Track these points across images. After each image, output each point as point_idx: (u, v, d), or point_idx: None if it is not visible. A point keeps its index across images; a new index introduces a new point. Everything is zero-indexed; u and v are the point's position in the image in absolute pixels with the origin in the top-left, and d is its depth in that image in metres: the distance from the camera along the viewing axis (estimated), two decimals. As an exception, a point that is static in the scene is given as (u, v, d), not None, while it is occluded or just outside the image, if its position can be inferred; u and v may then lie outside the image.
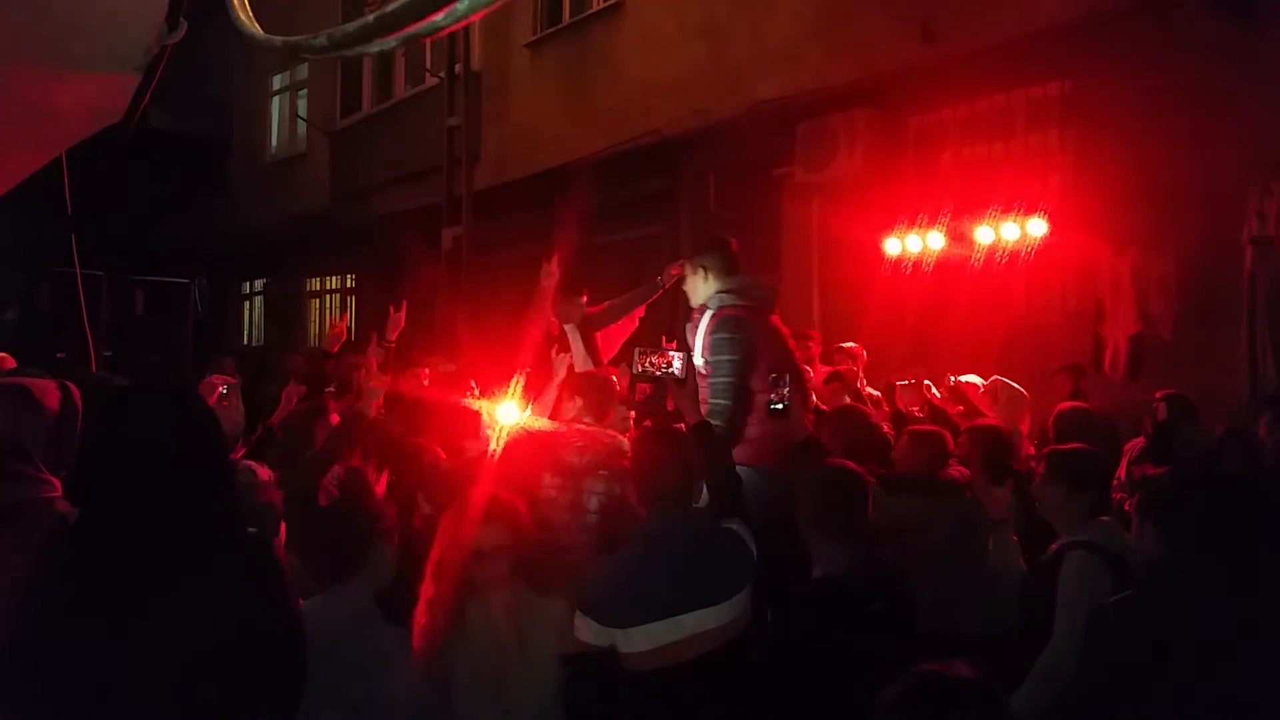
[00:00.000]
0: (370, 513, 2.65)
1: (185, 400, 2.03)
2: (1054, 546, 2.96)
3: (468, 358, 7.69)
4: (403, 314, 5.36)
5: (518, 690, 2.66)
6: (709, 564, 2.72)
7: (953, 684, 1.84)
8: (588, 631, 2.62)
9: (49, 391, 2.78)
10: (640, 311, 5.80)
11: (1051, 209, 7.00)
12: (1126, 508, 5.42)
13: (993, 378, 5.29)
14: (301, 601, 2.59)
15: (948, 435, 4.15)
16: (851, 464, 3.03)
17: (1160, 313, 6.72)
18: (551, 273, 5.38)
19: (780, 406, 3.71)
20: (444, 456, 4.00)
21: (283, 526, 3.14)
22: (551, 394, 4.18)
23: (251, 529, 2.06)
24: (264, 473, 3.42)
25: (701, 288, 4.31)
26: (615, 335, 5.72)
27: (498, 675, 2.66)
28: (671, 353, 3.28)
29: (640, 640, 2.58)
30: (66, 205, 4.22)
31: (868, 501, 2.85)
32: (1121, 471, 5.53)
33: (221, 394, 3.90)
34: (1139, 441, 5.40)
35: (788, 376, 3.82)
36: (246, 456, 3.77)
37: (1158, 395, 5.39)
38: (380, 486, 3.21)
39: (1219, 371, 6.18)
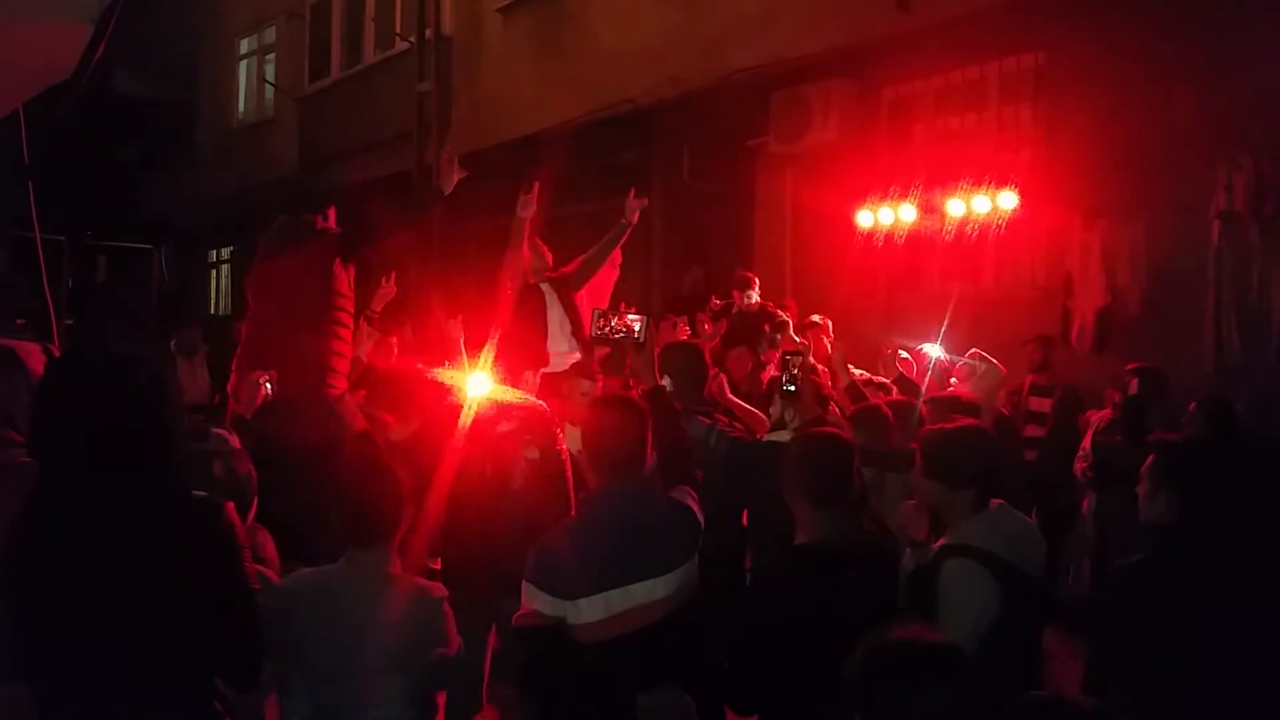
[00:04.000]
0: (391, 479, 2.61)
1: (121, 366, 1.99)
2: (935, 546, 2.78)
3: (437, 324, 7.64)
4: (392, 285, 5.28)
5: None
6: (658, 533, 2.70)
7: (924, 648, 1.86)
8: (539, 603, 2.59)
9: (33, 354, 2.75)
10: (618, 257, 5.74)
11: (1022, 181, 7.02)
12: (1091, 474, 5.51)
13: (971, 350, 5.32)
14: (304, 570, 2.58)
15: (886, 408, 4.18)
16: (839, 431, 3.01)
17: (1128, 286, 6.77)
18: (530, 203, 5.28)
19: (793, 389, 3.78)
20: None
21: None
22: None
23: (201, 492, 2.01)
24: (235, 441, 3.38)
25: None
26: (601, 286, 5.65)
27: None
28: (630, 316, 3.26)
29: (590, 611, 2.56)
30: (23, 165, 4.11)
31: (853, 470, 2.84)
32: (1087, 442, 5.60)
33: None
34: (1105, 413, 5.46)
35: (799, 359, 3.87)
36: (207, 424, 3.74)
37: (1130, 368, 5.44)
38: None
39: (1185, 344, 6.24)
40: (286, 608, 2.35)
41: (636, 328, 3.24)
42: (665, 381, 3.91)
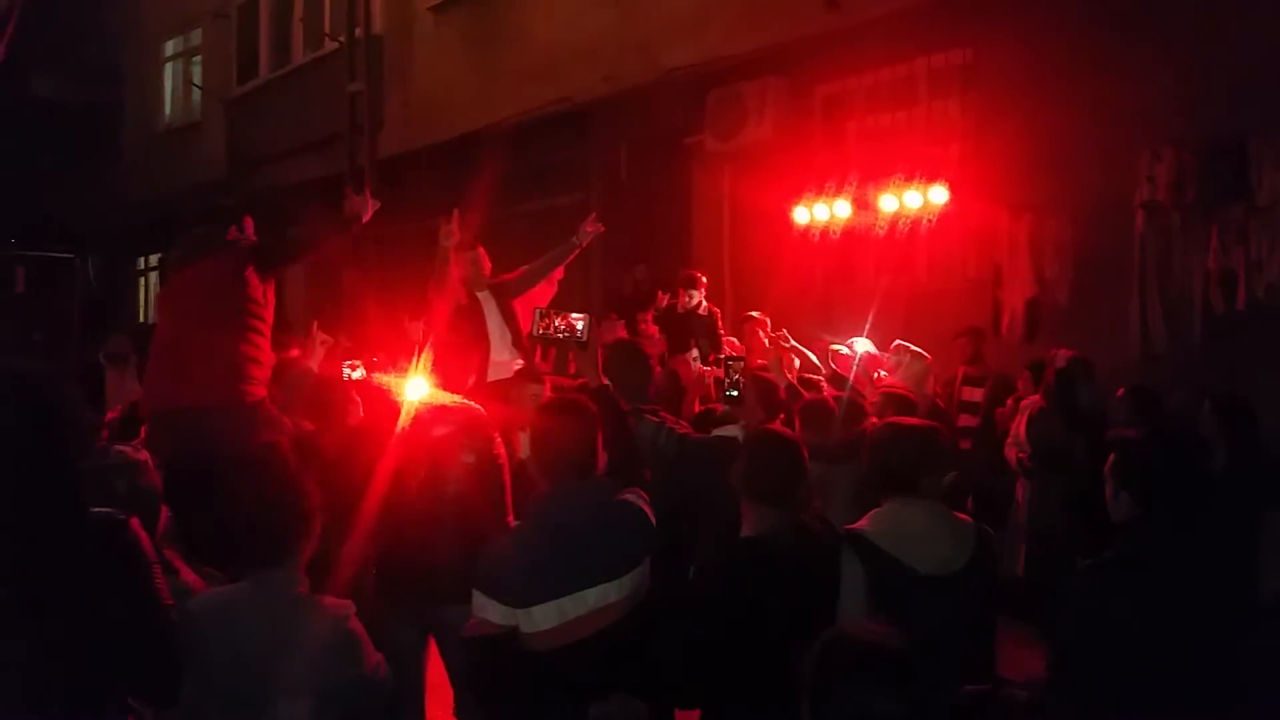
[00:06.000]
0: (300, 492, 2.52)
1: (12, 382, 1.93)
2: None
3: (374, 329, 7.55)
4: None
5: None
6: (610, 537, 2.67)
7: (879, 649, 1.88)
8: (490, 612, 2.54)
9: None
10: (559, 274, 5.68)
11: (952, 176, 7.14)
12: (1028, 463, 5.61)
13: (895, 342, 5.39)
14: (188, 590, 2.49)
15: (831, 401, 4.25)
16: (787, 431, 3.03)
17: (1055, 276, 6.92)
18: (452, 233, 5.19)
19: (735, 394, 3.79)
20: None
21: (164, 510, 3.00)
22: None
23: (105, 510, 1.95)
24: (141, 454, 3.29)
25: None
26: (535, 301, 5.59)
27: None
28: (574, 315, 3.23)
29: (544, 618, 2.52)
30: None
31: (801, 469, 2.87)
32: (1021, 428, 5.70)
33: None
34: (1035, 399, 5.56)
35: (740, 364, 3.90)
36: (114, 438, 3.65)
37: (1051, 354, 5.54)
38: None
39: (1112, 331, 6.39)
40: (190, 630, 2.28)
41: (579, 326, 3.20)
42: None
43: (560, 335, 3.22)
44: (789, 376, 4.72)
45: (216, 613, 2.34)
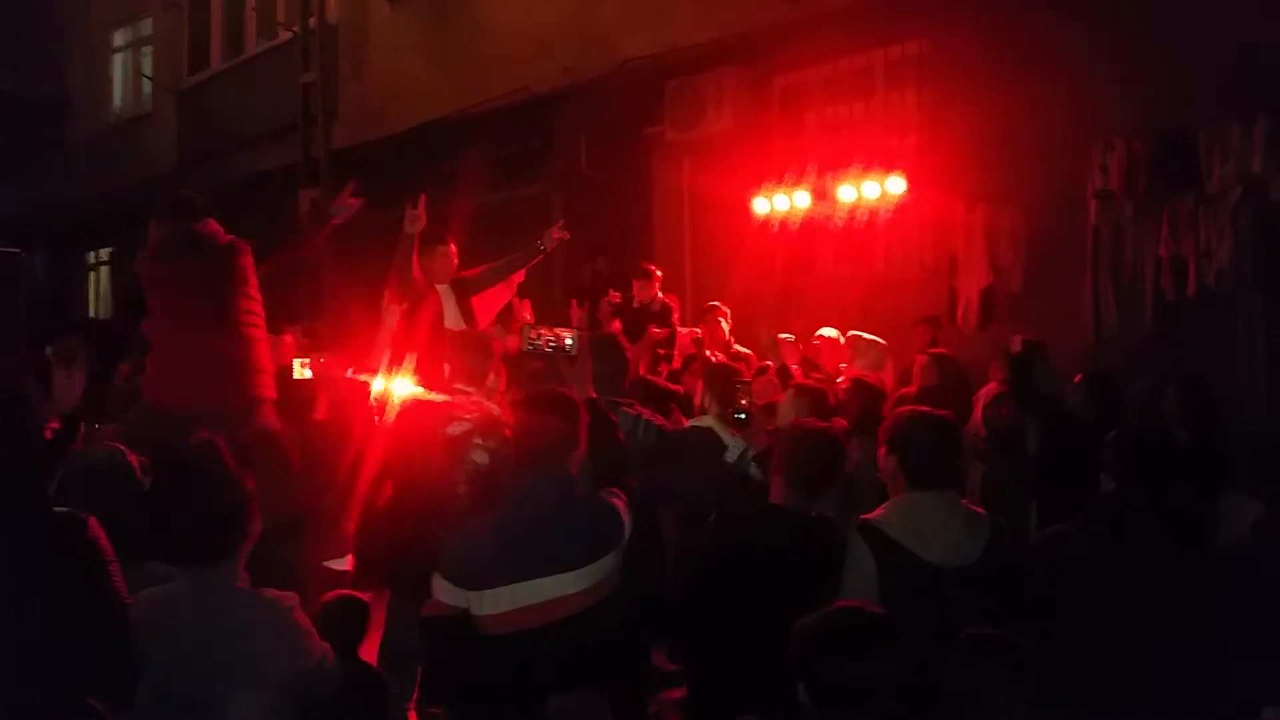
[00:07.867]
0: (238, 489, 2.46)
1: None
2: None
3: (330, 323, 7.47)
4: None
5: None
6: (572, 528, 2.67)
7: (867, 620, 1.93)
8: (444, 593, 2.58)
9: None
10: (519, 277, 5.61)
11: (909, 167, 7.21)
12: (982, 445, 5.69)
13: (850, 332, 5.43)
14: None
15: (828, 390, 4.29)
16: (827, 426, 3.16)
17: (1010, 265, 7.02)
18: (417, 218, 5.11)
19: (743, 416, 3.84)
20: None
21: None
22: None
23: (64, 509, 1.91)
24: (133, 456, 3.20)
25: None
26: (492, 301, 5.54)
27: None
28: (562, 330, 3.28)
29: (493, 603, 2.53)
30: None
31: (833, 467, 3.02)
32: (977, 414, 5.77)
33: None
34: (992, 387, 5.63)
35: (748, 387, 3.97)
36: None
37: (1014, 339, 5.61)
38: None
39: (1065, 320, 6.49)
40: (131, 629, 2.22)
41: (568, 341, 3.25)
42: None
43: (549, 349, 3.27)
44: (781, 358, 4.81)
45: (155, 611, 2.29)
